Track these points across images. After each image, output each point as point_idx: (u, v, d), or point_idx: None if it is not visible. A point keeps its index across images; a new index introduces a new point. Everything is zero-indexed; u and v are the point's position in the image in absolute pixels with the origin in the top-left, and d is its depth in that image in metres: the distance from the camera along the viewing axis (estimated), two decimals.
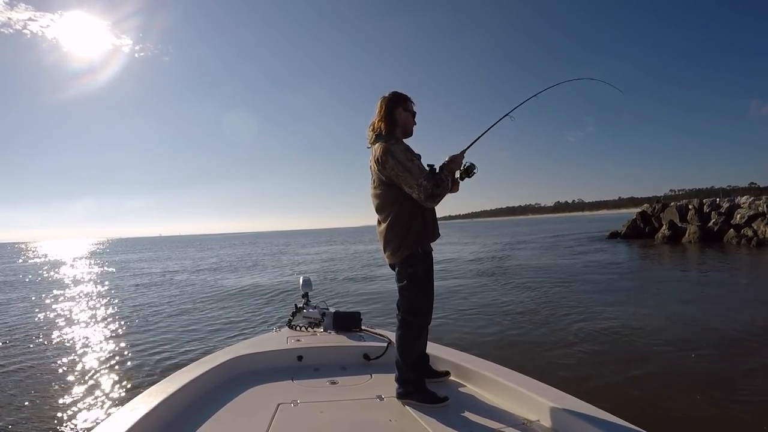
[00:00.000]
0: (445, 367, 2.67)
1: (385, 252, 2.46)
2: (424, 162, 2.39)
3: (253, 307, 10.23)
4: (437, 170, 2.39)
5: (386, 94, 2.49)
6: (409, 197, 2.33)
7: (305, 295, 3.78)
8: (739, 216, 22.55)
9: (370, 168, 2.48)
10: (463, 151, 2.47)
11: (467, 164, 2.46)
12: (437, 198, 2.30)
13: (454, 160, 2.43)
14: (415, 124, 2.53)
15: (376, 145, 2.40)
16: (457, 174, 2.45)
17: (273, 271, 19.56)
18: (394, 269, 2.47)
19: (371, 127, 2.49)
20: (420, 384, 2.36)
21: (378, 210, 2.46)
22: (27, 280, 20.95)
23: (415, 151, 2.42)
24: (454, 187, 2.48)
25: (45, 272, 25.03)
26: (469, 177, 2.48)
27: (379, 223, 2.47)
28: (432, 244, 2.45)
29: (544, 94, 2.98)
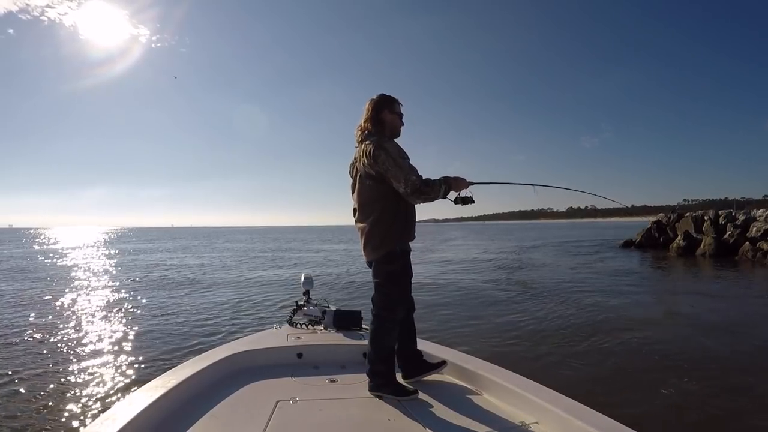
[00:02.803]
0: None
1: (364, 249, 2.49)
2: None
3: (253, 304, 10.17)
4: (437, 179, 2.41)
5: (373, 97, 2.54)
6: (393, 196, 2.37)
7: (306, 293, 3.83)
8: (755, 229, 22.07)
9: (354, 166, 2.53)
10: (473, 183, 2.50)
11: (468, 194, 2.49)
12: (423, 195, 2.33)
13: (458, 181, 2.45)
14: (402, 125, 2.58)
15: (366, 142, 2.44)
16: (454, 196, 2.47)
17: (273, 268, 19.53)
18: (370, 266, 2.51)
19: (359, 128, 2.55)
20: (390, 377, 2.40)
21: (362, 206, 2.49)
22: (33, 267, 21.29)
23: (408, 152, 2.44)
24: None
25: (55, 260, 25.43)
26: (463, 205, 2.51)
27: (360, 220, 2.51)
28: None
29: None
